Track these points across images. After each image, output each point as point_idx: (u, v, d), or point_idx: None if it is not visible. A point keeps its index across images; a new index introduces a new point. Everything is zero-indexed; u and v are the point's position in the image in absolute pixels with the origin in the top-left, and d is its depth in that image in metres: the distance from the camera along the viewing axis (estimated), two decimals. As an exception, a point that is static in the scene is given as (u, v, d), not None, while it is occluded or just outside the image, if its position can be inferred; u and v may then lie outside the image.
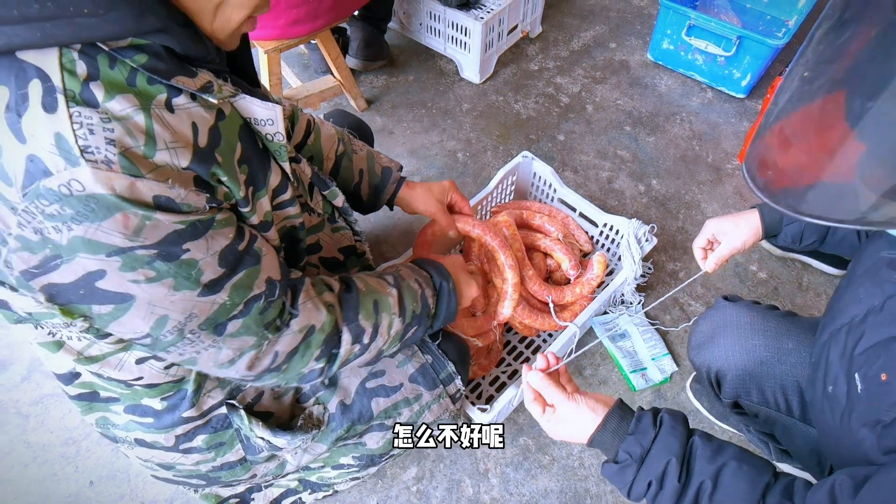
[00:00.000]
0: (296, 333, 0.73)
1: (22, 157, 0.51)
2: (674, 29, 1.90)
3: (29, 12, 0.49)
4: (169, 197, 0.56)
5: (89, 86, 0.53)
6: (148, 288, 0.59)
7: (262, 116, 0.69)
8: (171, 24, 0.56)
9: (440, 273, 0.94)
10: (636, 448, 0.70)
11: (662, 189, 1.69)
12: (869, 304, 0.70)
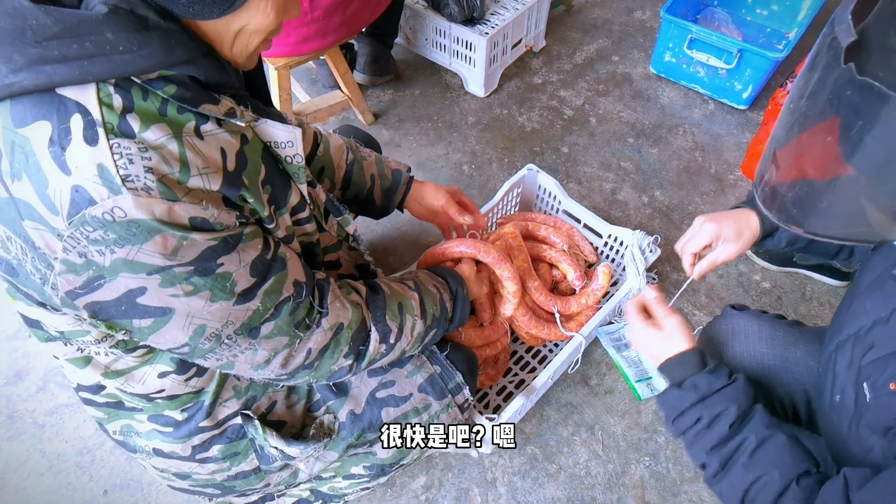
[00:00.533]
0: (326, 331, 0.77)
1: (67, 187, 0.54)
2: (675, 42, 1.93)
3: (69, 52, 0.52)
4: (204, 217, 0.60)
5: (126, 118, 0.56)
6: (186, 301, 0.62)
7: (283, 139, 0.73)
8: (196, 54, 0.59)
9: (455, 279, 1.00)
10: (705, 385, 0.77)
11: (666, 200, 1.71)
12: (876, 316, 0.71)
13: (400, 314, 0.87)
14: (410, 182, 1.15)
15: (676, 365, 0.83)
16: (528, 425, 1.32)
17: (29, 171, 0.55)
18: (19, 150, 0.55)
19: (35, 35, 0.51)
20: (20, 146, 0.55)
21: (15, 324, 1.50)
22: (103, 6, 0.52)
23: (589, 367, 1.40)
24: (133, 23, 0.54)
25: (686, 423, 0.77)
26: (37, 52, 0.52)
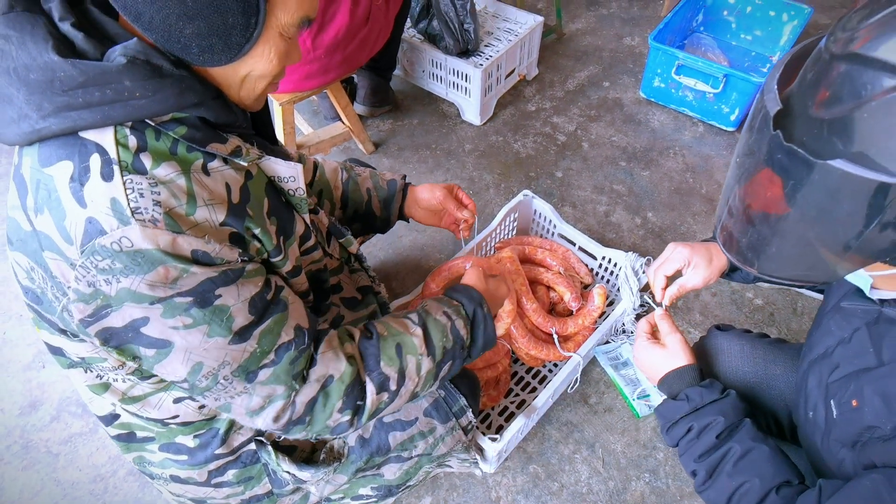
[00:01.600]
0: (313, 383, 0.75)
1: (82, 219, 0.59)
2: (663, 68, 2.00)
3: (92, 99, 0.58)
4: (205, 251, 0.64)
5: (139, 156, 0.61)
6: (185, 334, 0.65)
7: (285, 174, 0.78)
8: (206, 98, 0.65)
9: (471, 299, 0.91)
10: (697, 397, 0.82)
11: (658, 221, 1.77)
12: (839, 337, 0.76)
13: (399, 357, 0.81)
14: (406, 188, 1.17)
15: (674, 379, 0.88)
16: (530, 444, 1.35)
17: (50, 206, 0.60)
18: (43, 188, 0.60)
19: (62, 85, 0.57)
20: (44, 184, 0.60)
21: (29, 354, 1.54)
22: (122, 58, 0.58)
23: (588, 386, 1.44)
24: (149, 71, 0.59)
25: (679, 432, 0.82)
26: (64, 101, 0.57)
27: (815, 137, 0.53)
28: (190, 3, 0.57)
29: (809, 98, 0.54)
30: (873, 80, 0.48)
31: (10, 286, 1.68)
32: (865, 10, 0.51)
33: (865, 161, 0.49)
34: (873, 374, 0.69)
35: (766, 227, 0.61)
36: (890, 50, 0.47)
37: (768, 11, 2.17)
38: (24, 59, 0.57)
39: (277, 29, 0.64)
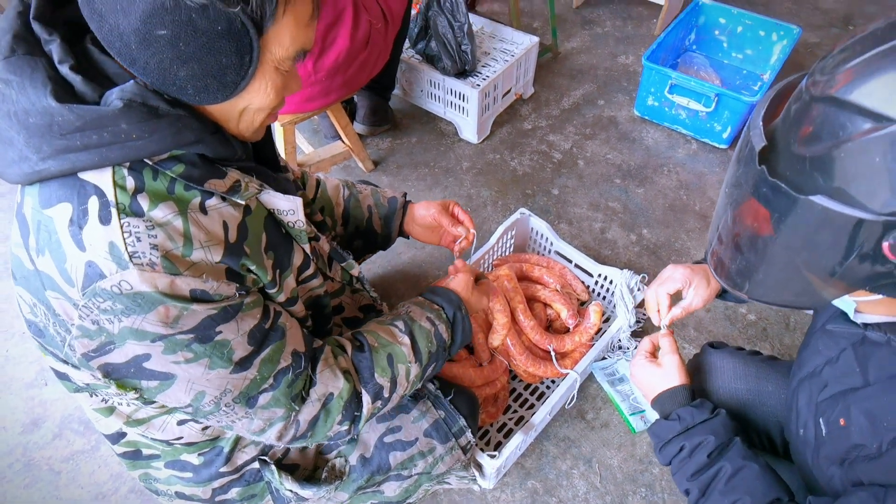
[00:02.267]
0: (314, 402, 0.79)
1: (82, 263, 0.61)
2: (657, 87, 2.04)
3: (90, 142, 0.59)
4: (203, 290, 0.65)
5: (136, 198, 0.62)
6: (187, 367, 0.67)
7: (284, 208, 0.78)
8: (203, 135, 0.65)
9: (450, 302, 0.97)
10: (689, 417, 0.85)
11: (653, 238, 1.80)
12: (827, 356, 0.79)
13: (390, 367, 0.86)
14: (406, 206, 1.18)
15: (667, 398, 0.90)
16: (528, 460, 1.37)
17: (51, 248, 0.62)
18: (44, 229, 0.62)
19: (60, 129, 0.58)
20: (45, 225, 0.62)
21: (32, 372, 1.56)
22: (119, 101, 0.59)
23: (585, 402, 1.46)
24: (145, 113, 0.60)
25: (671, 451, 0.84)
26: (62, 143, 0.59)
27: (798, 173, 0.55)
28: (182, 46, 0.58)
29: (792, 135, 0.57)
30: (849, 122, 0.51)
31: (11, 304, 1.69)
32: (842, 54, 0.54)
33: (844, 197, 0.52)
34: (860, 395, 0.71)
35: (754, 255, 0.63)
36: (863, 95, 0.50)
37: (758, 31, 2.23)
38: (24, 104, 0.58)
39: (273, 64, 0.65)
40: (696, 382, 1.02)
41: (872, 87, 0.50)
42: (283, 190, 0.80)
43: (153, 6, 0.55)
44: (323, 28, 1.46)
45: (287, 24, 0.62)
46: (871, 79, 0.50)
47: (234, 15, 0.57)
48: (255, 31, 0.60)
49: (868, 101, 0.49)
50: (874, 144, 0.49)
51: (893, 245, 0.50)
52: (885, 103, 0.48)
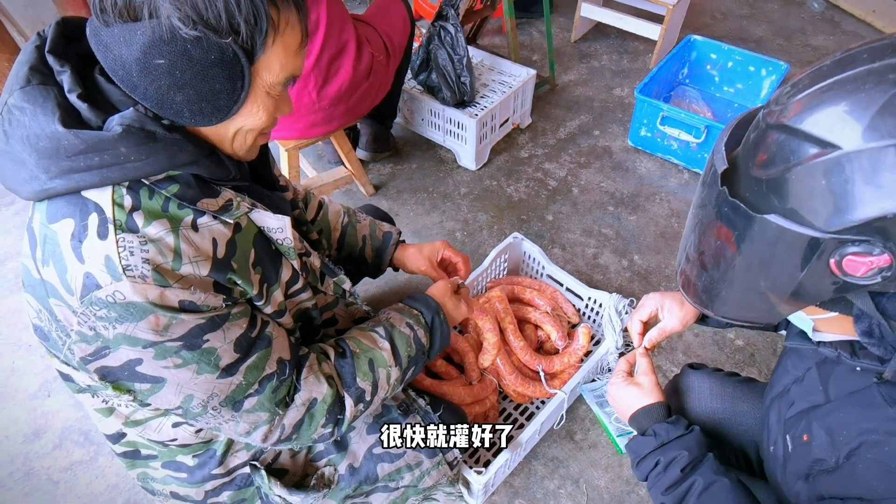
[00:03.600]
0: (299, 407, 0.83)
1: (80, 274, 0.66)
2: (649, 119, 2.12)
3: (92, 163, 0.65)
4: (192, 301, 0.70)
5: (132, 216, 0.67)
6: (176, 372, 0.72)
7: (273, 226, 0.82)
8: (198, 157, 0.70)
9: (429, 307, 1.02)
10: (664, 433, 0.88)
11: (644, 264, 1.84)
12: (795, 375, 0.83)
13: (372, 371, 0.91)
14: (399, 244, 1.24)
15: (644, 416, 0.93)
16: (516, 479, 1.39)
17: (55, 259, 0.67)
18: (49, 242, 0.67)
19: (66, 151, 0.64)
20: (50, 239, 0.67)
21: (36, 384, 1.60)
22: (119, 127, 0.65)
23: (574, 423, 1.49)
24: (142, 137, 0.65)
25: (647, 466, 0.87)
26: (68, 164, 0.64)
27: (756, 194, 0.60)
28: (179, 74, 0.63)
29: (751, 160, 0.62)
30: (798, 147, 0.56)
31: (20, 317, 1.75)
32: (794, 87, 0.60)
33: (796, 216, 0.56)
34: (821, 411, 0.75)
35: (718, 272, 0.68)
36: (811, 124, 0.55)
37: (748, 67, 2.31)
38: (35, 129, 0.64)
39: (264, 89, 0.70)
40: (675, 402, 1.05)
41: (818, 117, 0.55)
42: (276, 208, 0.85)
43: (152, 38, 0.61)
44: (327, 59, 1.54)
45: (277, 52, 0.68)
46: (816, 110, 0.55)
47: (225, 45, 0.63)
48: (247, 59, 0.66)
49: (814, 130, 0.54)
50: (819, 168, 0.54)
51: (838, 261, 0.54)
52: (829, 131, 0.53)
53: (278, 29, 0.67)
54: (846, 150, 0.51)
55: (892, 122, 0.49)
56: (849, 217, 0.51)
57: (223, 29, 0.63)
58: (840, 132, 0.52)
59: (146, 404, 0.82)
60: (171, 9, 0.61)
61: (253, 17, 0.64)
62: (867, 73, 0.52)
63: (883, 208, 0.49)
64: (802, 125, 0.55)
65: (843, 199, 0.52)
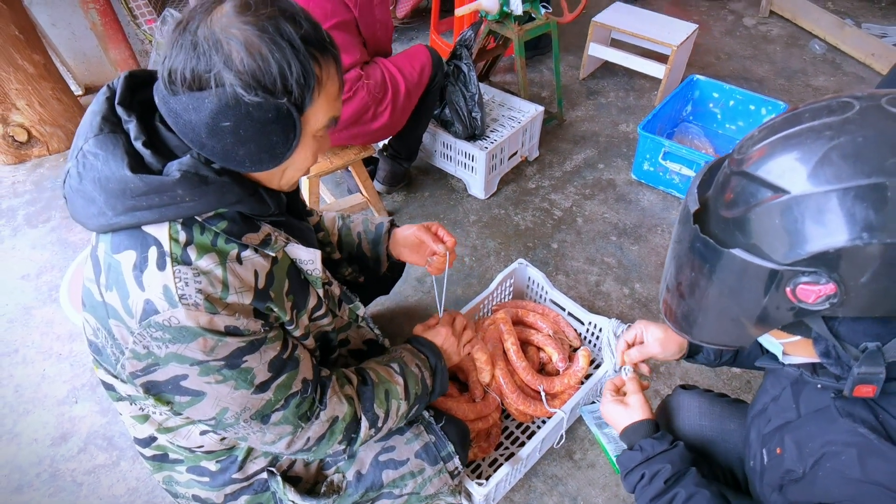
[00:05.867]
0: (323, 423, 0.93)
1: (141, 300, 0.76)
2: (652, 154, 2.22)
3: (153, 203, 0.75)
4: (236, 326, 0.79)
5: (187, 249, 0.77)
6: (217, 387, 0.81)
7: (305, 258, 0.92)
8: (244, 196, 0.80)
9: (434, 353, 1.15)
10: (650, 447, 0.95)
11: (645, 292, 1.92)
12: (773, 394, 0.89)
13: (386, 401, 1.02)
14: (391, 230, 1.28)
15: (632, 432, 1.00)
16: (516, 495, 1.45)
17: (118, 285, 0.77)
18: (113, 270, 0.77)
19: (132, 193, 0.74)
20: (114, 267, 0.77)
21: (64, 390, 1.70)
22: (177, 172, 0.74)
23: (573, 443, 1.54)
24: (197, 181, 0.75)
25: (634, 478, 0.93)
26: (132, 203, 0.74)
27: (723, 231, 0.68)
28: (242, 132, 0.73)
29: (719, 201, 0.70)
30: (757, 191, 0.64)
31: (52, 327, 1.86)
32: (752, 139, 0.68)
33: (757, 250, 0.64)
34: (792, 426, 0.82)
35: (693, 301, 0.75)
36: (765, 171, 0.63)
37: (749, 105, 2.41)
38: (106, 173, 0.74)
39: (311, 133, 0.81)
40: (665, 419, 1.12)
41: (771, 166, 0.63)
42: (306, 240, 0.95)
43: (218, 105, 0.71)
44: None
45: (321, 102, 0.79)
46: (770, 159, 0.64)
47: (281, 104, 0.73)
48: (297, 112, 0.76)
49: (768, 176, 0.63)
50: (773, 209, 0.62)
51: (793, 290, 0.62)
52: (779, 178, 0.62)
53: (321, 82, 0.77)
54: (794, 194, 0.59)
55: (830, 170, 0.57)
56: (799, 251, 0.59)
57: (278, 91, 0.73)
58: (789, 179, 0.60)
59: (179, 414, 0.91)
60: (233, 78, 0.70)
61: (302, 77, 0.74)
62: (808, 129, 0.61)
63: (826, 244, 0.57)
64: (759, 172, 0.63)
65: (793, 235, 0.60)
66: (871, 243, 0.54)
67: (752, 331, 0.72)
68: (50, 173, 2.41)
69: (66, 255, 2.06)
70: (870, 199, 0.54)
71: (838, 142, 0.57)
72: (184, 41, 0.72)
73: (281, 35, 0.72)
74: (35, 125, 2.39)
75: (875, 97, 0.60)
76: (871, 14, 3.49)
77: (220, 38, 0.71)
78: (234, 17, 0.71)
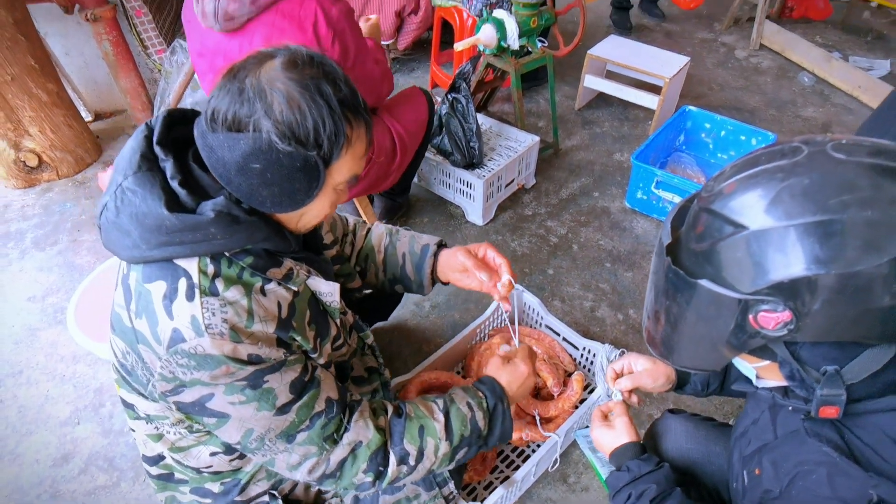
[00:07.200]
0: (345, 446, 0.93)
1: (169, 328, 0.80)
2: (644, 183, 2.28)
3: (185, 239, 0.79)
4: (258, 354, 0.83)
5: (215, 282, 0.82)
6: (240, 408, 0.85)
7: (325, 290, 0.96)
8: (269, 234, 0.85)
9: (494, 393, 1.05)
10: (636, 468, 0.97)
11: (638, 318, 1.96)
12: (753, 417, 0.93)
13: (420, 438, 0.97)
14: (438, 253, 1.23)
15: (620, 454, 1.03)
16: (511, 519, 1.46)
17: (147, 313, 0.81)
18: (144, 298, 0.82)
19: (167, 229, 0.79)
20: (144, 296, 0.82)
21: (67, 412, 1.72)
22: (211, 212, 0.79)
23: (568, 467, 1.57)
24: (229, 221, 0.80)
25: (621, 498, 0.96)
26: (166, 238, 0.79)
27: (694, 263, 0.73)
28: (269, 175, 0.78)
29: (690, 235, 0.75)
30: (721, 227, 0.69)
31: (57, 349, 1.89)
32: (717, 180, 0.74)
33: (723, 281, 0.68)
34: (770, 447, 0.85)
35: (670, 327, 0.80)
36: (728, 209, 0.68)
37: (739, 136, 2.48)
38: (144, 209, 0.79)
39: (332, 186, 0.85)
40: (653, 443, 1.15)
41: (732, 204, 0.68)
42: (325, 273, 1.00)
43: (252, 148, 0.77)
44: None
45: (347, 159, 0.83)
46: (731, 198, 0.69)
47: (310, 156, 0.79)
48: (324, 165, 0.81)
49: (730, 213, 0.68)
50: (736, 243, 0.66)
51: (755, 317, 0.66)
52: (740, 215, 0.66)
53: (351, 142, 0.82)
54: (753, 230, 0.64)
55: (782, 208, 0.62)
56: (759, 281, 0.64)
57: (310, 144, 0.78)
58: (748, 216, 0.65)
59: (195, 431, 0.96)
60: (271, 126, 0.76)
61: (334, 134, 0.79)
62: (763, 171, 0.66)
63: (781, 275, 0.62)
64: (723, 210, 0.68)
65: (754, 267, 0.64)
66: (819, 274, 0.59)
67: (724, 354, 0.76)
68: (58, 197, 2.47)
69: (72, 278, 2.11)
70: (816, 235, 0.59)
71: (788, 183, 0.63)
72: (231, 86, 0.78)
73: (320, 94, 0.78)
74: (46, 151, 2.46)
75: (821, 143, 0.65)
76: (857, 48, 3.60)
77: (265, 89, 0.76)
78: (281, 72, 0.77)
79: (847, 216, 0.59)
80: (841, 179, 0.61)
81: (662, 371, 1.11)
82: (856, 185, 0.60)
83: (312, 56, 0.81)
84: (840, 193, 0.60)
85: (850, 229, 0.58)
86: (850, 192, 0.59)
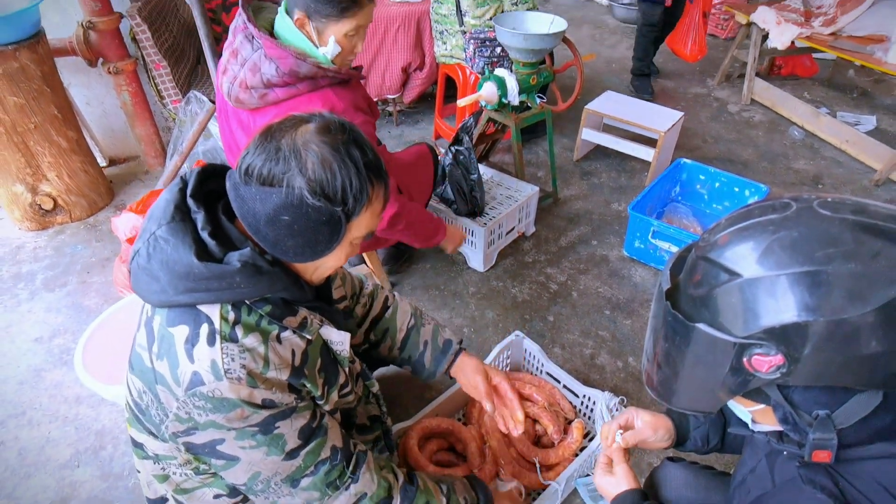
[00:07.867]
0: (351, 496, 0.98)
1: (189, 371, 0.84)
2: (641, 232, 2.34)
3: (211, 286, 0.84)
4: (272, 399, 0.88)
5: (235, 328, 0.86)
6: (250, 452, 0.89)
7: (336, 339, 1.01)
8: (288, 284, 0.90)
9: (487, 498, 1.21)
10: None
11: (638, 365, 1.97)
12: (750, 466, 0.95)
13: None
14: (458, 354, 1.34)
15: (620, 501, 1.04)
16: (511, 571, 1.44)
17: (169, 356, 0.85)
18: (165, 341, 0.86)
19: (195, 277, 0.84)
20: (167, 339, 0.86)
21: (67, 454, 1.72)
22: (238, 262, 0.85)
23: (569, 517, 1.55)
24: (253, 271, 0.85)
25: None
26: (192, 285, 0.84)
27: (692, 308, 0.77)
28: (296, 227, 0.84)
29: (688, 281, 0.80)
30: (717, 274, 0.73)
31: (62, 391, 1.90)
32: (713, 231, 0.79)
33: (719, 325, 0.72)
34: (767, 495, 0.87)
35: (668, 369, 0.83)
36: (724, 257, 0.73)
37: (733, 187, 2.56)
38: (174, 257, 0.84)
39: (349, 240, 0.91)
40: (653, 491, 1.16)
41: (728, 253, 0.73)
42: (336, 322, 1.04)
43: (283, 202, 0.82)
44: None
45: (366, 215, 0.90)
46: (727, 248, 0.73)
47: (336, 211, 0.85)
48: (346, 220, 0.87)
49: (725, 262, 0.72)
50: (731, 290, 0.70)
51: (749, 360, 0.70)
52: (735, 263, 0.71)
53: (371, 201, 0.89)
54: (746, 278, 0.69)
55: (773, 259, 0.67)
56: (752, 326, 0.67)
57: (337, 201, 0.84)
58: (742, 264, 0.70)
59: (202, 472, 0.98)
60: (303, 183, 0.82)
61: (359, 192, 0.86)
62: (756, 223, 0.71)
63: (773, 320, 0.66)
64: (718, 258, 0.73)
65: (747, 312, 0.68)
66: (808, 320, 0.63)
67: (721, 397, 0.79)
68: (70, 239, 2.54)
69: (80, 320, 2.14)
70: (804, 284, 0.64)
71: (779, 235, 0.68)
72: (269, 146, 0.84)
73: (350, 157, 0.85)
74: (62, 195, 2.54)
75: (809, 200, 0.71)
76: (843, 104, 3.75)
77: (300, 149, 0.83)
78: (315, 135, 0.85)
79: (832, 268, 0.63)
80: (826, 234, 0.65)
81: (663, 424, 1.13)
82: (840, 240, 0.65)
83: (343, 123, 0.89)
84: (825, 247, 0.64)
85: (835, 280, 0.63)
86: (835, 246, 0.64)
